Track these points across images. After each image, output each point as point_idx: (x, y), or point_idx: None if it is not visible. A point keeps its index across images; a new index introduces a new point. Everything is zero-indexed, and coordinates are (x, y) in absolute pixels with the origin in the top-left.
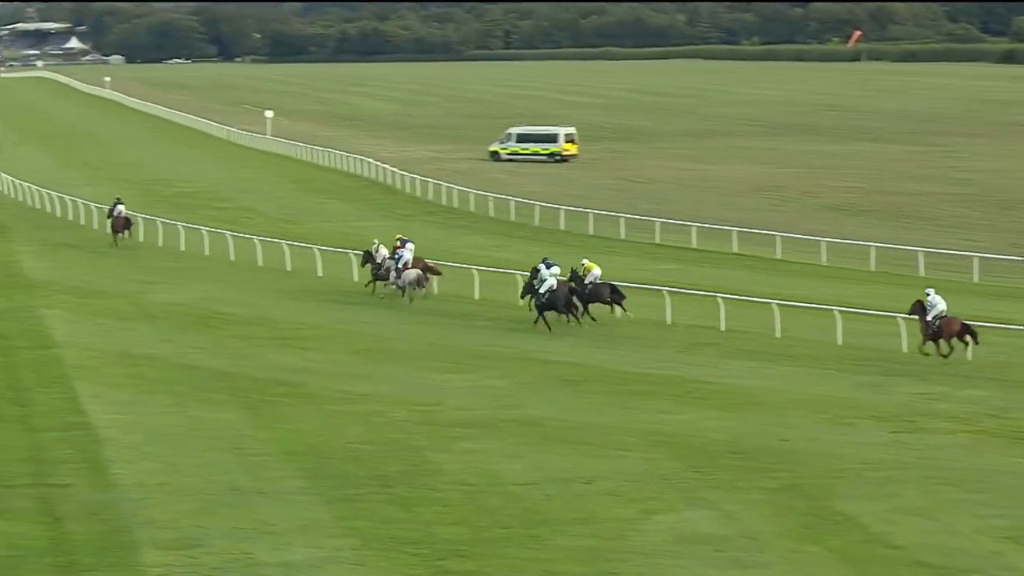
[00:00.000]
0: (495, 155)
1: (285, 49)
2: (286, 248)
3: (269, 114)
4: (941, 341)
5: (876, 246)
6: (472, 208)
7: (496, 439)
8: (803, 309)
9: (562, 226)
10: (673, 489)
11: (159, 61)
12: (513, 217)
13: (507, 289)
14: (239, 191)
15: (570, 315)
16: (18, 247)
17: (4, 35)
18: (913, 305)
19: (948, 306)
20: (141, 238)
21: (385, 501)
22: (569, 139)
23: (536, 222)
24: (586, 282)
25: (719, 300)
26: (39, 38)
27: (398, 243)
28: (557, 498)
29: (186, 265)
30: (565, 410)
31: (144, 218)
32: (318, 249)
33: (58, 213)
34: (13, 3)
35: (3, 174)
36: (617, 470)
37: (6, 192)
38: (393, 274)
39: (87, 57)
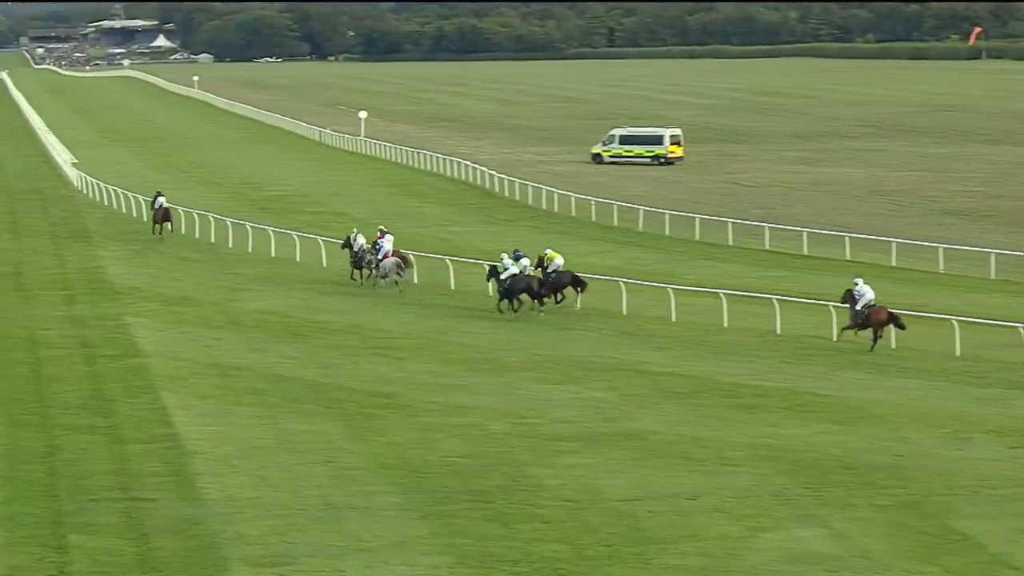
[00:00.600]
0: (597, 157)
1: (379, 47)
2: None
3: (363, 115)
4: (870, 330)
5: (997, 253)
6: (573, 213)
7: (599, 453)
8: (920, 319)
9: (667, 231)
10: (783, 506)
11: (249, 60)
12: (616, 222)
13: (611, 298)
14: (331, 195)
15: (536, 301)
16: (103, 252)
17: (90, 33)
18: (844, 294)
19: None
20: (229, 243)
21: (483, 517)
22: (675, 141)
23: (640, 227)
24: (548, 271)
25: (831, 309)
26: (125, 36)
27: (379, 234)
28: (662, 515)
29: (276, 271)
30: (670, 423)
31: (233, 222)
32: (413, 255)
33: (144, 218)
34: (99, 1)
35: (88, 177)
36: (724, 486)
37: (92, 195)
38: (375, 264)
39: (175, 56)
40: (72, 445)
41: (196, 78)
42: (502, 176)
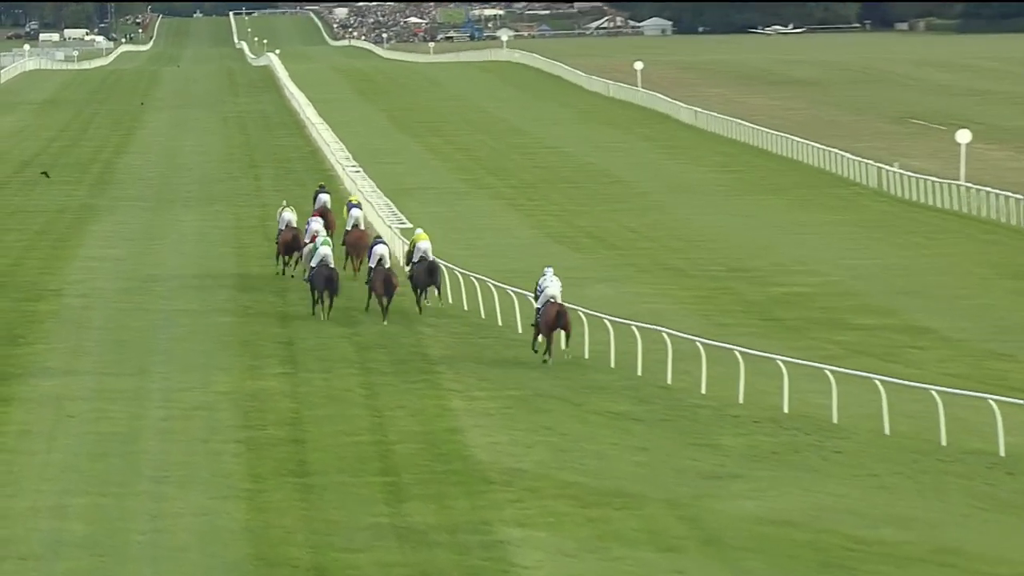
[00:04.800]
0: None
1: (996, 6)
2: (996, 409)
3: (963, 137)
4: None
5: None
6: None
7: None
8: None
9: None
10: None
11: (742, 31)
12: None
13: None
14: (898, 293)
15: (330, 296)
16: (458, 401)
17: None
18: (535, 287)
19: None
20: (702, 387)
21: None
22: None
23: None
24: (414, 260)
25: None
26: None
27: (346, 207)
28: None
29: (788, 441)
30: None
31: (707, 345)
32: None
33: (519, 329)
34: None
35: (434, 254)
36: None
37: (469, 299)
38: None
39: (598, 23)
40: None
41: (639, 65)
42: None
